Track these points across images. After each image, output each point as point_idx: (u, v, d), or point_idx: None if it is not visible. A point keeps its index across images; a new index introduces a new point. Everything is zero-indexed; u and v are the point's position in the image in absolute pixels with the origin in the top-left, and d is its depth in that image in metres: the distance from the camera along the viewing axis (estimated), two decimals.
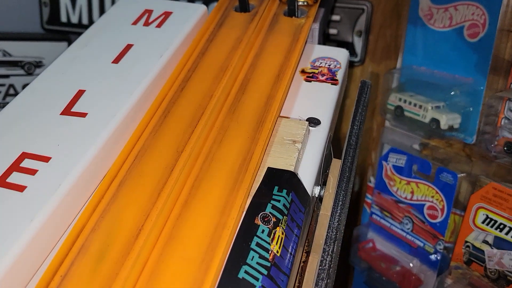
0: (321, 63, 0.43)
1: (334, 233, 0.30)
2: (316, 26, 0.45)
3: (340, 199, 0.33)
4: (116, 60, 0.39)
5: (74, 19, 0.92)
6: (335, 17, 0.71)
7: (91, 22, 0.91)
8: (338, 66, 0.43)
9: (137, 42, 0.41)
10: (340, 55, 0.44)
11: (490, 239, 0.57)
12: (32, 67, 0.91)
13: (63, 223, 0.29)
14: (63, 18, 0.93)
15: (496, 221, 0.56)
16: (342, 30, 0.73)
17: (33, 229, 0.27)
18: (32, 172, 0.30)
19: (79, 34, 0.96)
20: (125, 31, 0.42)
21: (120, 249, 0.28)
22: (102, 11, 0.92)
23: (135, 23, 0.44)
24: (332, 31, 0.72)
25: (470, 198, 0.59)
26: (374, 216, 0.72)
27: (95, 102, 0.35)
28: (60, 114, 0.34)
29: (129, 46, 0.40)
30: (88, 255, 0.28)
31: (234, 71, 0.39)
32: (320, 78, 0.41)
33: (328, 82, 0.41)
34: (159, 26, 0.43)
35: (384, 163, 0.70)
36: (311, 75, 0.42)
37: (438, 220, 0.63)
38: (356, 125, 0.37)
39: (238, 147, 0.34)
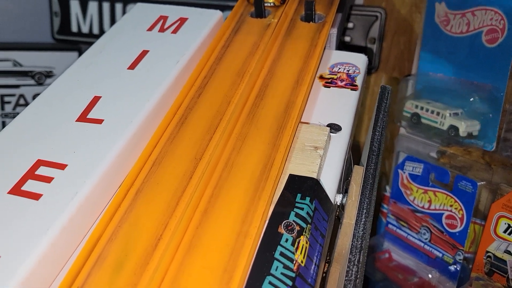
0: (339, 68, 0.42)
1: (360, 242, 0.29)
2: (334, 32, 0.44)
3: (364, 207, 0.31)
4: (132, 66, 0.38)
5: (85, 29, 0.92)
6: (349, 25, 0.71)
7: (101, 31, 0.91)
8: (357, 71, 0.42)
9: (152, 48, 0.40)
10: (359, 60, 0.43)
11: None
12: (42, 77, 0.91)
13: (79, 233, 0.28)
14: (74, 28, 0.93)
15: None
16: (356, 37, 0.72)
17: (49, 239, 0.26)
18: (48, 180, 0.29)
19: (90, 43, 0.96)
20: (141, 37, 0.42)
21: (138, 259, 0.27)
22: (112, 20, 0.92)
23: (150, 29, 0.43)
24: (346, 38, 0.71)
25: (490, 207, 0.57)
26: (390, 226, 0.71)
27: (111, 108, 0.34)
28: (76, 121, 0.33)
29: (144, 52, 0.40)
30: (105, 266, 0.27)
31: (252, 76, 0.38)
32: (339, 83, 0.40)
33: (348, 88, 0.40)
34: (174, 32, 0.42)
35: (400, 171, 0.68)
36: (329, 80, 0.41)
37: (458, 229, 0.61)
38: (378, 131, 0.36)
39: (258, 154, 0.32)
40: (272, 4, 0.46)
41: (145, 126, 0.34)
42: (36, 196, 0.28)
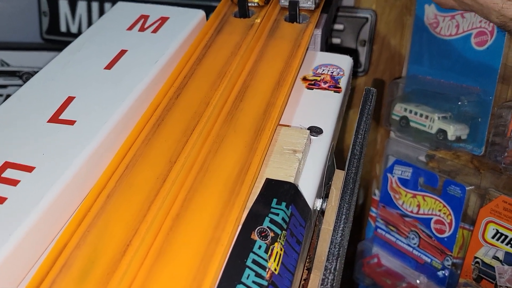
0: (323, 70, 0.41)
1: (337, 249, 0.28)
2: (319, 32, 0.43)
3: (344, 213, 0.30)
4: (109, 66, 0.37)
5: (74, 29, 0.91)
6: (339, 26, 0.70)
7: None
8: (341, 73, 0.41)
9: (131, 48, 0.39)
10: (344, 62, 0.42)
11: (500, 255, 0.54)
12: (30, 77, 0.90)
13: (45, 239, 0.27)
14: (63, 28, 0.91)
15: (507, 236, 0.54)
16: (346, 39, 0.71)
17: (11, 245, 0.25)
18: (14, 182, 0.28)
19: None
20: (120, 36, 0.41)
21: (105, 266, 0.26)
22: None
23: (130, 28, 0.42)
24: (336, 40, 0.70)
25: (479, 212, 0.56)
26: (379, 230, 0.70)
27: (84, 109, 0.33)
28: (47, 122, 0.32)
29: (123, 52, 0.39)
30: (70, 274, 0.25)
31: (232, 77, 0.37)
32: (323, 85, 0.39)
33: (331, 90, 0.39)
34: (155, 31, 0.41)
35: (389, 175, 0.68)
36: (313, 82, 0.40)
37: (446, 234, 0.61)
38: (360, 134, 0.35)
39: (235, 157, 0.31)
40: (256, 4, 0.45)
41: (119, 128, 0.33)
42: (0, 200, 0.27)
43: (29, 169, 0.29)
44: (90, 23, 0.90)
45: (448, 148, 0.60)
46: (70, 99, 0.34)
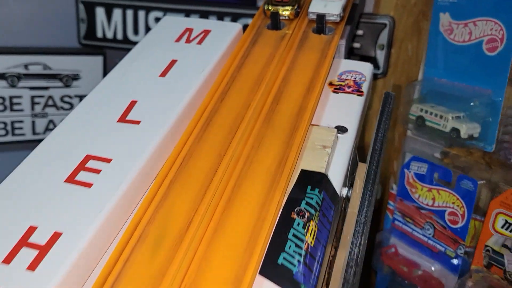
0: (347, 76, 0.46)
1: (362, 227, 0.34)
2: (343, 43, 0.49)
3: (367, 198, 0.36)
4: (163, 74, 0.43)
5: (109, 35, 0.98)
6: (359, 32, 0.75)
7: (125, 37, 0.97)
8: (363, 79, 0.47)
9: (180, 58, 0.46)
10: (365, 68, 0.48)
11: (509, 243, 0.59)
12: (69, 80, 0.98)
13: (124, 215, 0.34)
14: (99, 34, 0.98)
15: None
16: (365, 44, 0.76)
17: (101, 219, 0.31)
18: (97, 171, 0.34)
19: (114, 48, 1.01)
20: (169, 47, 0.47)
21: (173, 238, 0.32)
22: (136, 27, 0.97)
23: (178, 40, 0.48)
24: (356, 45, 0.76)
25: (489, 204, 0.61)
26: (396, 222, 0.75)
27: (146, 111, 0.40)
28: (117, 122, 0.38)
29: (173, 62, 0.45)
30: (146, 243, 0.32)
31: (268, 84, 0.43)
32: (347, 90, 0.45)
33: (354, 94, 0.45)
34: (199, 43, 0.47)
35: (406, 171, 0.73)
36: (338, 87, 0.46)
37: (459, 225, 0.66)
38: (380, 133, 0.41)
39: (274, 152, 0.37)
40: (286, 18, 0.51)
41: (176, 127, 0.39)
42: (88, 185, 0.33)
43: (107, 160, 0.35)
44: (125, 29, 0.97)
45: (461, 146, 0.65)
46: (133, 103, 0.40)
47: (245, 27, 0.52)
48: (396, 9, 0.74)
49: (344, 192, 0.38)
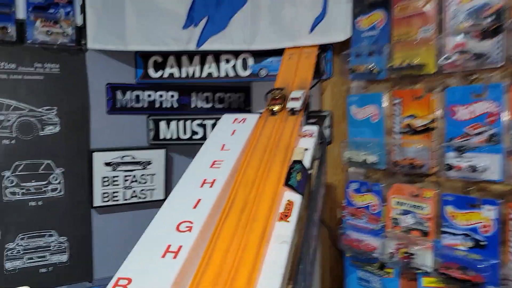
0: (306, 131, 1.10)
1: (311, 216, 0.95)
2: (303, 119, 1.14)
3: (316, 195, 0.98)
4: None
5: (168, 136, 1.62)
6: (313, 120, 1.42)
7: (178, 137, 1.61)
8: (314, 133, 1.10)
9: (227, 144, 1.08)
10: (314, 128, 1.12)
11: (404, 212, 1.19)
12: (146, 164, 1.59)
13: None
14: (162, 136, 1.62)
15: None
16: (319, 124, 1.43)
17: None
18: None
19: (173, 145, 1.67)
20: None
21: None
22: (184, 131, 1.62)
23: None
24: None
25: (387, 194, 1.22)
26: (348, 220, 1.34)
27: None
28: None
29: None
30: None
31: (272, 142, 1.07)
32: (307, 136, 1.09)
33: (310, 137, 1.08)
34: (242, 122, 1.11)
35: (348, 190, 1.34)
36: (303, 136, 1.09)
37: (377, 211, 1.25)
38: (320, 174, 1.03)
39: (278, 170, 0.99)
40: (277, 110, 1.16)
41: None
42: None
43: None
44: (178, 132, 1.61)
45: (370, 167, 1.27)
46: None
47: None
48: (332, 106, 1.42)
49: (310, 171, 1.00)
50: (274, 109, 1.15)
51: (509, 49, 0.93)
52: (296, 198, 0.87)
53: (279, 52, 1.40)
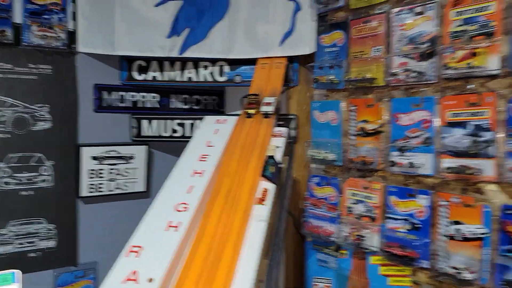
0: (277, 131, 1.30)
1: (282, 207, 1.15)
2: (275, 121, 1.34)
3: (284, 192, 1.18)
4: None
5: (150, 133, 1.78)
6: (282, 122, 1.62)
7: (159, 135, 1.77)
8: (284, 134, 1.30)
9: (212, 140, 1.27)
10: (284, 129, 1.32)
11: (357, 202, 1.41)
12: (129, 159, 1.74)
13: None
14: (143, 133, 1.78)
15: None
16: (287, 125, 1.63)
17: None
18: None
19: (153, 141, 1.84)
20: (208, 137, 1.28)
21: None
22: (165, 129, 1.78)
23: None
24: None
25: (343, 185, 1.44)
26: (309, 209, 1.55)
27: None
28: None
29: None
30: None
31: (249, 141, 1.26)
32: (277, 135, 1.29)
33: (280, 137, 1.28)
34: (224, 123, 1.30)
35: (310, 183, 1.55)
36: (275, 135, 1.29)
37: (334, 201, 1.47)
38: (288, 172, 1.24)
39: (255, 163, 1.19)
40: (253, 113, 1.35)
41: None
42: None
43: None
44: (159, 130, 1.78)
45: (329, 164, 1.49)
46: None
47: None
48: (297, 111, 1.63)
49: (281, 165, 1.20)
50: (250, 112, 1.35)
51: (440, 69, 1.17)
52: (271, 187, 1.07)
53: (252, 61, 1.60)
